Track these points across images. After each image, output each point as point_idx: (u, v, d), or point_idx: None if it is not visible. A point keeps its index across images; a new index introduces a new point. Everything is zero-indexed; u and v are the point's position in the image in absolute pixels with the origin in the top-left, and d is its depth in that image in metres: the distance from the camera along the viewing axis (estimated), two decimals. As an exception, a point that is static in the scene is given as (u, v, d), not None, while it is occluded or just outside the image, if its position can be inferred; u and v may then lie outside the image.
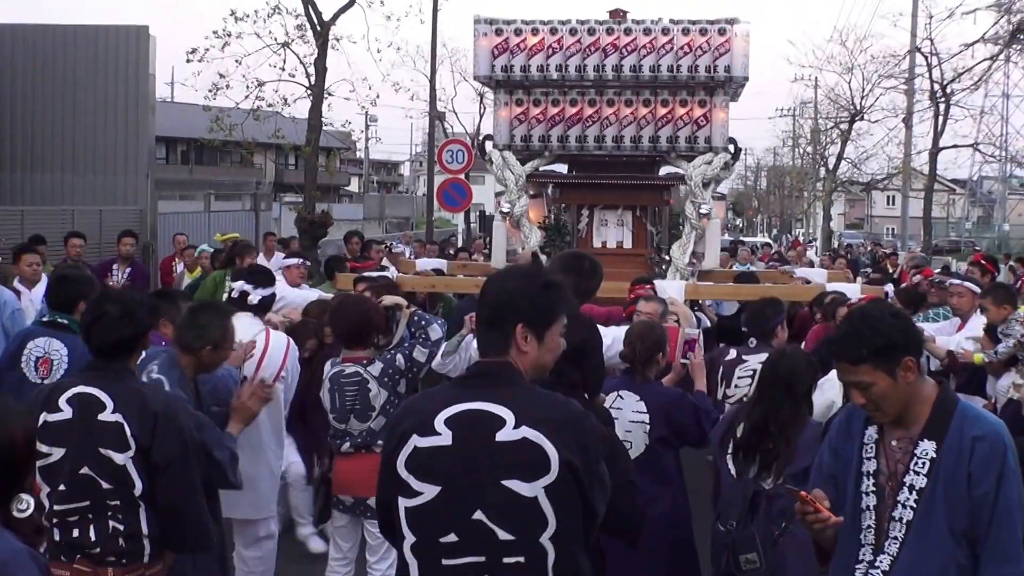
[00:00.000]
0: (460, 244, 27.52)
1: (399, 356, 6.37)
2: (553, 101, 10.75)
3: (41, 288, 9.71)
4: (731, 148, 10.82)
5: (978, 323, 8.64)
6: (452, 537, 3.28)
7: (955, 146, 38.57)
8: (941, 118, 34.46)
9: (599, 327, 5.46)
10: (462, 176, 21.75)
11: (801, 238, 51.68)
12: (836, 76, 43.56)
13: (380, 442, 6.05)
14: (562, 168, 11.68)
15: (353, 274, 10.32)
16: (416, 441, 3.33)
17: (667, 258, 10.83)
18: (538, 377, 3.52)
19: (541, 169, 11.06)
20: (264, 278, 6.98)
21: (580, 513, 3.33)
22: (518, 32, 10.59)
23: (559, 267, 5.41)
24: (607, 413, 5.35)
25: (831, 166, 45.33)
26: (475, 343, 6.57)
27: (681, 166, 10.68)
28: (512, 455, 3.23)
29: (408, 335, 6.61)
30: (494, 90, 11.18)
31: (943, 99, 34.24)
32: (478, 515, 3.25)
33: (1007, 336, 8.30)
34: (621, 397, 6.07)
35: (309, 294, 9.88)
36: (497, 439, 3.24)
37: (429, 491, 3.29)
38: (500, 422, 3.26)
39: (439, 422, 3.31)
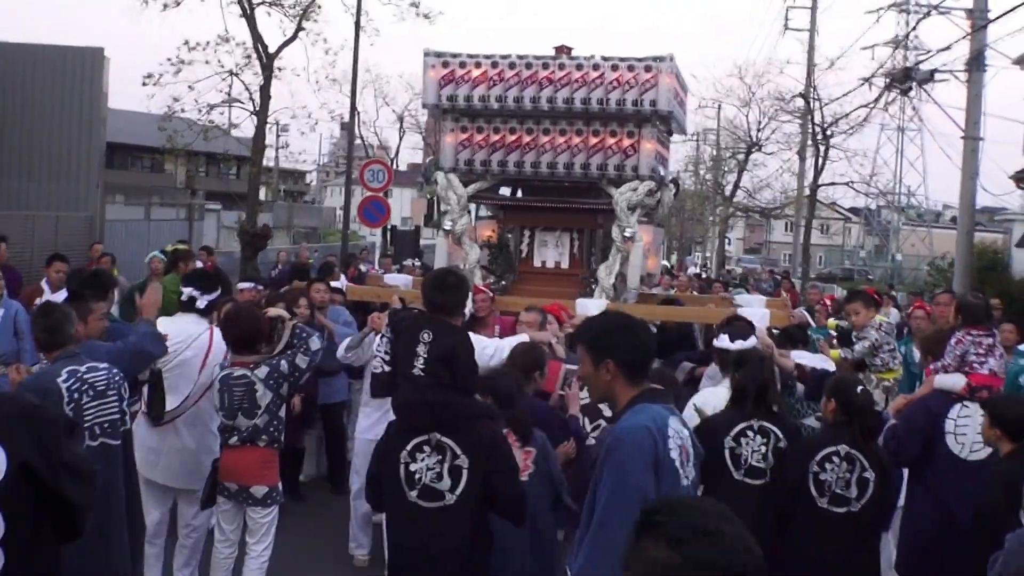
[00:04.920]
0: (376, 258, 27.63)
1: (283, 362, 6.74)
2: (495, 128, 10.98)
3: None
4: (669, 183, 11.14)
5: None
6: None
7: (832, 183, 39.71)
8: (821, 158, 35.40)
9: (474, 336, 5.92)
10: (381, 194, 22.28)
11: (689, 262, 51.92)
12: (735, 109, 44.52)
13: (264, 437, 6.67)
14: (506, 191, 11.95)
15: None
16: None
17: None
18: None
19: (485, 191, 11.31)
20: (209, 283, 7.40)
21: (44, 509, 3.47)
22: (463, 65, 10.82)
23: (428, 282, 5.64)
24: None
25: (728, 193, 46.22)
26: (377, 340, 7.06)
27: (610, 192, 10.96)
28: None
29: (292, 344, 6.90)
30: (441, 117, 11.40)
31: (823, 141, 35.21)
32: None
33: (862, 339, 8.72)
34: None
35: None
36: None
37: None
38: None
39: None
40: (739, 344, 7.00)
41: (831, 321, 11.97)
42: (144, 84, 20.31)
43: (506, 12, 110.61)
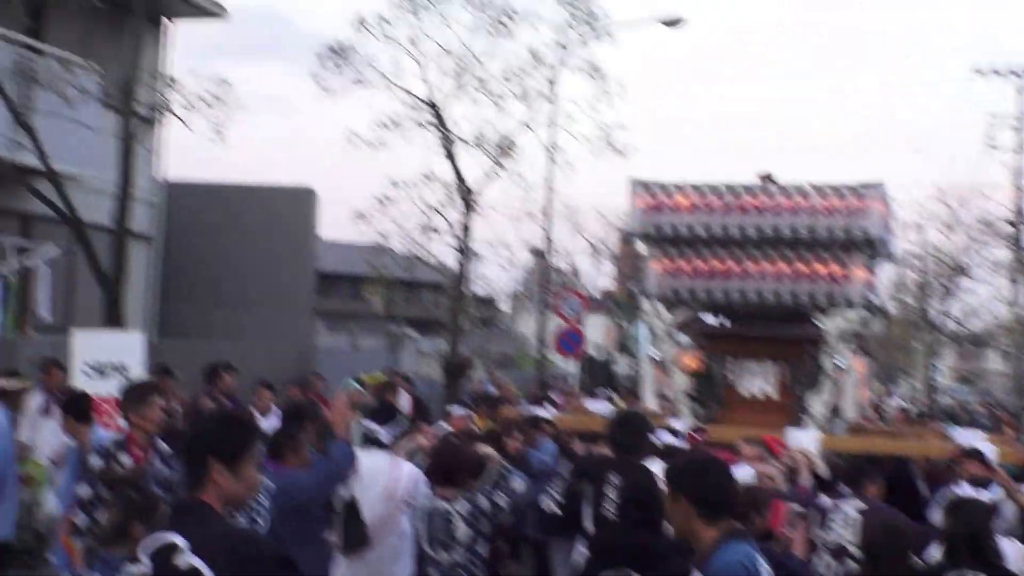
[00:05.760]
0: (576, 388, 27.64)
1: (484, 499, 6.74)
2: (701, 256, 10.91)
3: (273, 419, 10.46)
4: (879, 311, 10.81)
5: None
6: None
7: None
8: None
9: None
10: (577, 324, 22.44)
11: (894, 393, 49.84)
12: (939, 232, 43.10)
13: (462, 573, 6.60)
14: (711, 319, 11.78)
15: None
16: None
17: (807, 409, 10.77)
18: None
19: (691, 319, 11.21)
20: (389, 416, 7.33)
21: None
22: (669, 193, 10.82)
23: (615, 423, 6.21)
24: None
25: (936, 320, 44.53)
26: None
27: (820, 320, 10.70)
28: None
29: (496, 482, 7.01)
30: (647, 245, 11.38)
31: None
32: None
33: None
34: None
35: None
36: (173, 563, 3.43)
37: None
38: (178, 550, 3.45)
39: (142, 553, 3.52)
40: (983, 494, 6.64)
41: None
42: (354, 221, 21.22)
43: (704, 142, 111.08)
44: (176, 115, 16.07)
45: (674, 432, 9.16)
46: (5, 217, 17.08)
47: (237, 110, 16.00)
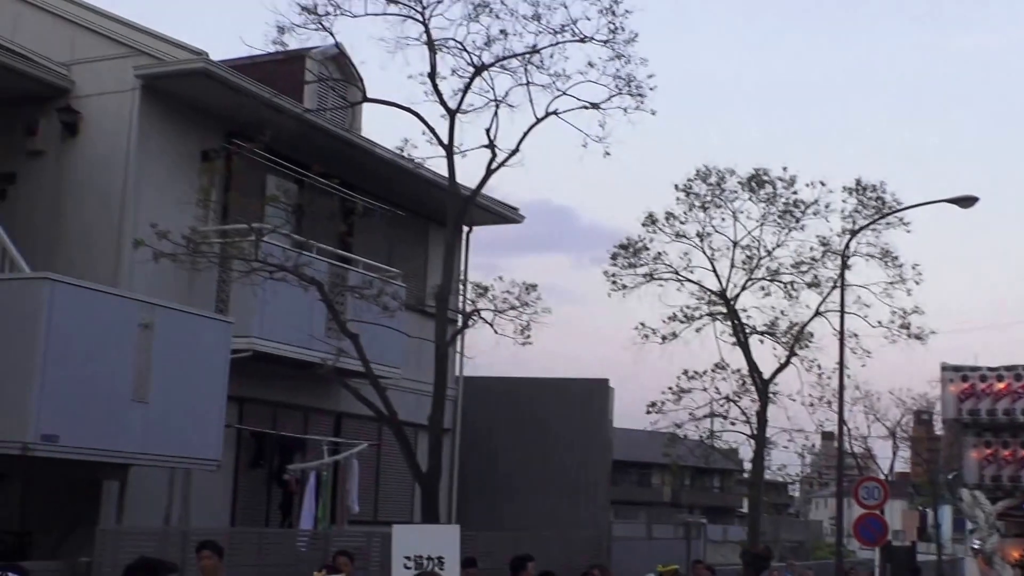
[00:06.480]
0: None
1: None
2: (1022, 443, 10.49)
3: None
4: None
5: None
6: None
7: None
8: None
9: None
10: (878, 511, 21.60)
11: None
12: None
13: None
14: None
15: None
16: None
17: None
18: None
19: (1014, 508, 10.70)
20: None
21: None
22: (984, 378, 10.56)
23: None
24: None
25: None
26: None
27: None
28: None
29: None
30: (962, 432, 11.01)
31: None
32: None
33: None
34: None
35: None
36: None
37: None
38: None
39: None
40: None
41: None
42: (648, 412, 21.61)
43: (1005, 318, 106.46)
44: (486, 320, 16.84)
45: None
46: (320, 416, 18.28)
47: (543, 313, 16.67)
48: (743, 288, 22.22)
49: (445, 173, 16.84)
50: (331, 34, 16.15)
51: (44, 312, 11.82)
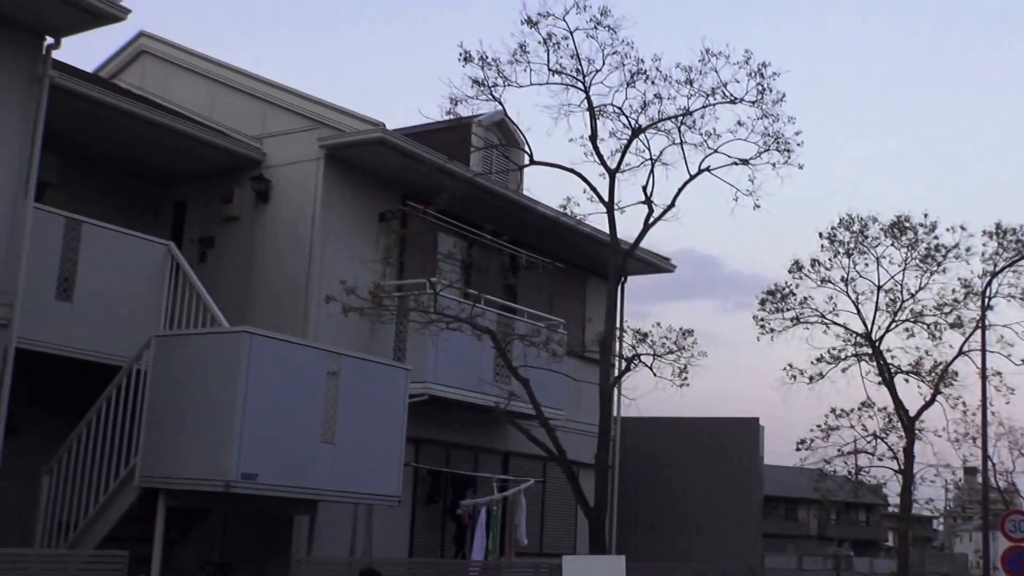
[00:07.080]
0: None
1: None
2: None
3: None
4: None
5: None
6: None
7: None
8: None
9: None
10: (1024, 545, 21.74)
11: None
12: None
13: None
14: None
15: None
16: None
17: None
18: None
19: None
20: None
21: None
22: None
23: None
24: None
25: None
26: None
27: None
28: None
29: None
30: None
31: None
32: None
33: None
34: None
35: None
36: None
37: None
38: None
39: None
40: None
41: None
42: (797, 449, 22.21)
43: None
44: (646, 364, 17.75)
45: None
46: (489, 455, 19.42)
47: (699, 356, 17.48)
48: (887, 330, 22.83)
49: (601, 228, 17.83)
50: (501, 104, 17.15)
51: (244, 362, 12.42)
